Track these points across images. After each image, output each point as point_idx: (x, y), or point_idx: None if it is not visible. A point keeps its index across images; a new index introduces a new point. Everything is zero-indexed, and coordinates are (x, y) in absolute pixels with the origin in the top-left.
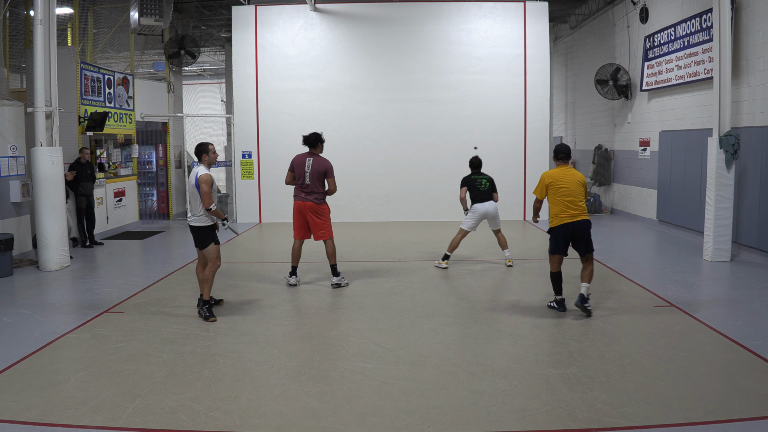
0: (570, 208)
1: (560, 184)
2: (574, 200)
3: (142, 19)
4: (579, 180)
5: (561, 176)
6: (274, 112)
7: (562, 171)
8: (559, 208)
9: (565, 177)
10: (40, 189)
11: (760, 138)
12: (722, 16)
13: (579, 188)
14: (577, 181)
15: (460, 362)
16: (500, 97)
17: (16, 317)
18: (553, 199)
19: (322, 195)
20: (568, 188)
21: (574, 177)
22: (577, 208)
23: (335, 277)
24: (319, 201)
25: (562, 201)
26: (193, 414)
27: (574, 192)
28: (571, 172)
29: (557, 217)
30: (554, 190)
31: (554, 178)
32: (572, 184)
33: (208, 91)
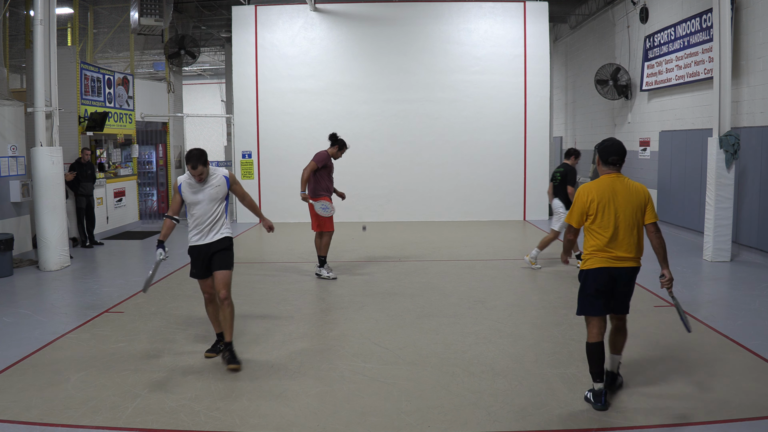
0: (613, 246)
1: (607, 206)
2: (624, 234)
3: (142, 19)
4: (638, 200)
5: (609, 192)
6: (274, 112)
7: (610, 183)
8: (597, 243)
9: (616, 194)
10: (40, 189)
11: (760, 138)
12: (722, 16)
13: (635, 213)
14: (635, 201)
15: (460, 362)
16: (500, 97)
17: (16, 317)
18: (591, 229)
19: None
20: (616, 213)
21: (629, 194)
22: (627, 246)
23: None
24: (309, 195)
25: (603, 234)
26: (193, 414)
27: (626, 219)
28: (626, 186)
29: (593, 254)
30: (598, 214)
31: (599, 196)
32: (625, 207)
33: (208, 91)
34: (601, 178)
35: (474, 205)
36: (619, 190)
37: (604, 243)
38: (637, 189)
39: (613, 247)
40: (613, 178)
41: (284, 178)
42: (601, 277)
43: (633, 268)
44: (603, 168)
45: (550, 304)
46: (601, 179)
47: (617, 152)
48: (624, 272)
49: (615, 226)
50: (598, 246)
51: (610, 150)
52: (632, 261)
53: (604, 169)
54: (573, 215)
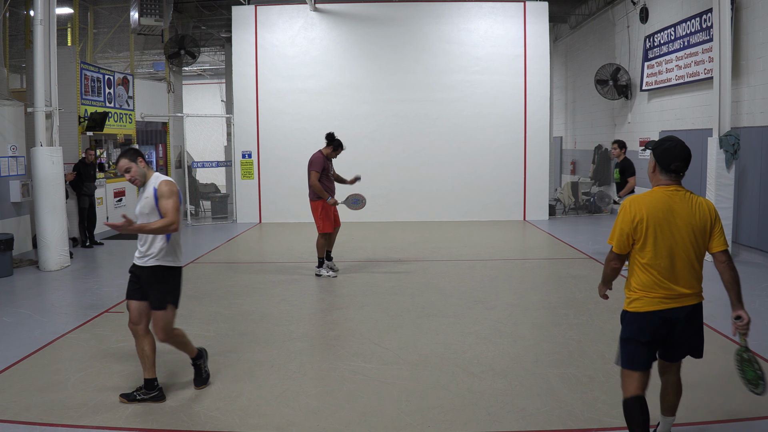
0: (668, 281)
1: (660, 229)
2: (682, 266)
3: (142, 19)
4: (703, 220)
5: (664, 210)
6: (274, 112)
7: (667, 199)
8: (649, 279)
9: (674, 213)
10: (40, 189)
11: (760, 138)
12: (722, 16)
13: (698, 238)
14: (699, 223)
15: (460, 362)
16: (500, 97)
17: (16, 317)
18: (639, 258)
19: (311, 190)
20: (673, 238)
21: (691, 214)
22: (686, 280)
23: (316, 267)
24: (311, 197)
25: (655, 265)
26: (193, 414)
27: (686, 246)
28: (687, 203)
29: (642, 293)
30: (648, 239)
31: (650, 214)
32: (686, 230)
33: (208, 91)
34: (653, 191)
35: (474, 205)
36: (678, 209)
37: (656, 277)
38: (701, 206)
39: (667, 283)
40: (671, 193)
41: (284, 178)
42: (651, 325)
43: (695, 306)
44: (659, 177)
45: (550, 304)
46: (655, 193)
47: (682, 156)
48: (683, 313)
49: (671, 255)
50: (648, 281)
51: (673, 153)
52: (693, 297)
53: (660, 179)
54: (614, 235)
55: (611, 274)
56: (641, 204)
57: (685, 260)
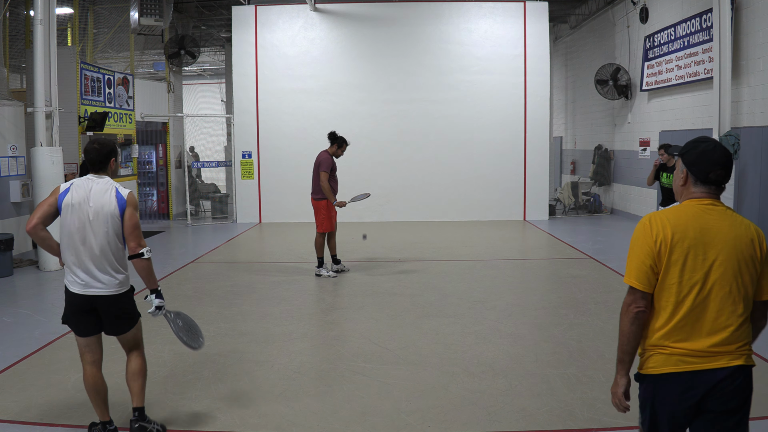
0: (699, 328)
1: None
2: (719, 306)
3: (142, 19)
4: (749, 248)
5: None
6: (274, 112)
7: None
8: (668, 324)
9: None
10: (40, 189)
11: (760, 138)
12: (722, 16)
13: (742, 271)
14: (745, 251)
15: (460, 362)
16: (500, 97)
17: (16, 317)
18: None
19: (316, 189)
20: (710, 267)
21: (736, 237)
22: (724, 329)
23: (316, 267)
24: (315, 196)
25: (684, 305)
26: (193, 414)
27: (726, 279)
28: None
29: (659, 345)
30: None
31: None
32: (726, 258)
33: (208, 91)
34: (682, 205)
35: (474, 205)
36: (716, 227)
37: (676, 324)
38: (748, 229)
39: (696, 331)
40: (706, 207)
41: (284, 178)
42: (674, 393)
43: (739, 368)
44: (692, 190)
45: (550, 304)
46: (683, 207)
47: (723, 162)
48: (721, 377)
49: (703, 290)
50: (665, 330)
51: (711, 158)
52: (735, 355)
53: (693, 191)
54: (631, 266)
55: (634, 331)
56: (665, 220)
57: (726, 298)
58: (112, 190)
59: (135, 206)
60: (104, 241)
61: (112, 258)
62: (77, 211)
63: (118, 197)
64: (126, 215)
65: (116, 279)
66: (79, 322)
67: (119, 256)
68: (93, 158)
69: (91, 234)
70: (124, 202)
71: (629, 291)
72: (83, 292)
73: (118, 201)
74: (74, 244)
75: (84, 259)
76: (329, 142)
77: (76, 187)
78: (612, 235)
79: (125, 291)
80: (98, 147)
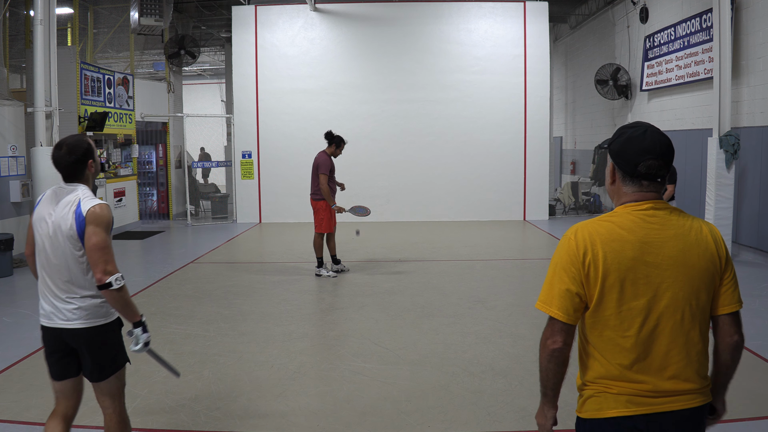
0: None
1: (630, 276)
2: (670, 338)
3: (142, 19)
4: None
5: (635, 245)
6: (274, 112)
7: (637, 225)
8: (610, 360)
9: (653, 249)
10: (40, 189)
11: (760, 138)
12: (722, 16)
13: (698, 291)
14: (701, 265)
15: (460, 362)
16: (500, 97)
17: (16, 317)
18: (601, 328)
19: (316, 190)
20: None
21: (686, 248)
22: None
23: (316, 268)
24: (314, 197)
25: (622, 337)
26: (193, 414)
27: (677, 304)
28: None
29: (600, 384)
30: (606, 295)
31: (609, 251)
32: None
33: (208, 91)
34: (614, 214)
35: (474, 205)
36: (659, 241)
37: (620, 362)
38: (700, 235)
39: (645, 369)
40: (645, 215)
41: (284, 178)
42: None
43: (693, 411)
44: (623, 188)
45: None
46: (615, 217)
47: (657, 150)
48: (672, 422)
49: (648, 321)
50: (607, 369)
51: (640, 144)
52: (691, 396)
53: (624, 191)
54: (551, 291)
55: (553, 368)
56: (594, 235)
57: (677, 330)
58: (72, 204)
59: (99, 222)
60: (63, 265)
61: (74, 286)
62: (38, 229)
63: (77, 214)
64: (86, 235)
65: (83, 310)
66: (52, 360)
67: (85, 282)
68: (61, 166)
69: (51, 256)
70: (82, 219)
71: (549, 321)
72: (48, 324)
73: (76, 218)
74: (39, 268)
75: (47, 284)
76: (326, 142)
77: (44, 199)
78: None
79: (99, 325)
80: (65, 152)
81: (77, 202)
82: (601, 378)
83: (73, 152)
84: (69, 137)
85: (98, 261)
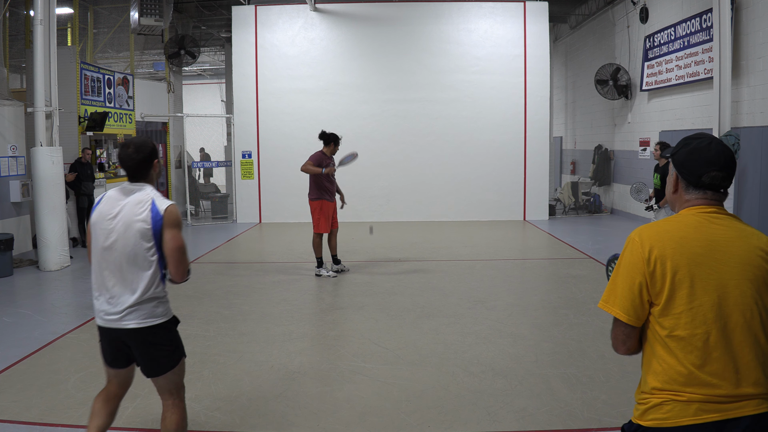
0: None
1: (696, 277)
2: (740, 339)
3: (142, 19)
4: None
5: (703, 243)
6: (274, 112)
7: (703, 225)
8: (676, 363)
9: (720, 247)
10: (40, 189)
11: (760, 138)
12: (722, 16)
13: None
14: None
15: (460, 362)
16: (500, 97)
17: (16, 317)
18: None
19: (312, 190)
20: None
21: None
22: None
23: (316, 268)
24: (310, 197)
25: (697, 340)
26: (193, 414)
27: (746, 305)
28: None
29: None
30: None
31: (677, 250)
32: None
33: (208, 91)
34: (680, 215)
35: (474, 205)
36: (724, 241)
37: (693, 362)
38: (759, 239)
39: (717, 370)
40: (710, 217)
41: (284, 178)
42: None
43: (762, 416)
44: (686, 195)
45: (550, 304)
46: (682, 218)
47: (721, 161)
48: (743, 427)
49: (721, 318)
50: (677, 371)
51: (705, 155)
52: (760, 400)
53: (686, 198)
54: (615, 292)
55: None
56: (661, 235)
57: (746, 328)
58: (146, 203)
59: (176, 224)
60: (128, 261)
61: (138, 285)
62: (100, 229)
63: (153, 213)
64: (166, 237)
65: (139, 311)
66: (107, 351)
67: (148, 282)
68: (128, 165)
69: (116, 253)
70: (159, 218)
71: (615, 324)
72: (105, 324)
73: (153, 217)
74: (97, 267)
75: (106, 284)
76: (323, 143)
77: (105, 200)
78: (612, 235)
79: (153, 325)
80: (133, 152)
81: (150, 201)
82: (670, 383)
83: (140, 151)
84: (135, 137)
85: (180, 261)
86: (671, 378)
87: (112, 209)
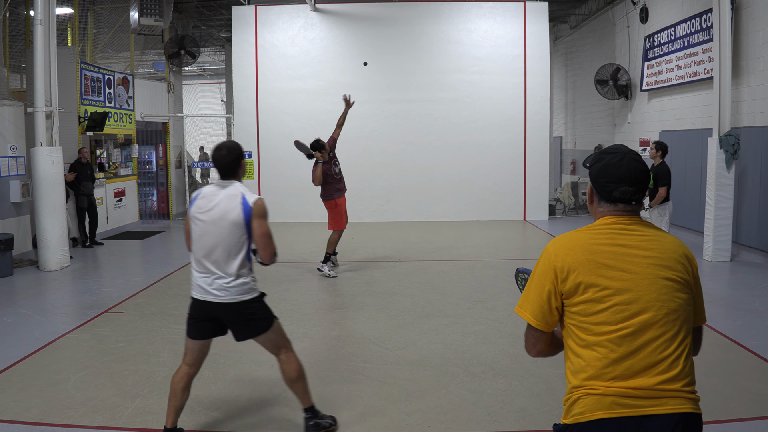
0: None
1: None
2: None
3: (142, 19)
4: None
5: (611, 247)
6: (274, 112)
7: (613, 232)
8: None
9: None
10: (40, 189)
11: (760, 138)
12: (722, 16)
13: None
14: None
15: (460, 362)
16: (500, 97)
17: (16, 317)
18: (577, 322)
19: (322, 191)
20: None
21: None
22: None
23: (320, 262)
24: (323, 197)
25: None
26: (193, 414)
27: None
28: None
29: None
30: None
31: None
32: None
33: (208, 91)
34: (596, 224)
35: (474, 205)
36: (635, 246)
37: (607, 357)
38: (674, 246)
39: (628, 367)
40: (621, 226)
41: (284, 178)
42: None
43: (684, 417)
44: (599, 207)
45: None
46: (596, 227)
47: (632, 177)
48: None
49: (632, 319)
50: (594, 366)
51: (615, 172)
52: (682, 399)
53: (600, 210)
54: (528, 300)
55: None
56: (573, 244)
57: (660, 328)
58: (238, 197)
59: (263, 215)
60: (223, 247)
61: (232, 267)
62: (199, 219)
63: (244, 204)
64: (254, 225)
65: (235, 288)
66: (195, 325)
67: (240, 264)
68: (221, 165)
69: (211, 241)
70: (249, 209)
71: (527, 327)
72: (202, 297)
73: (243, 208)
74: (196, 251)
75: (205, 265)
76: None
77: (202, 195)
78: None
79: (244, 300)
80: (225, 153)
81: (241, 195)
82: (587, 378)
83: (231, 153)
84: (226, 141)
85: (267, 245)
86: (588, 374)
87: (209, 203)
